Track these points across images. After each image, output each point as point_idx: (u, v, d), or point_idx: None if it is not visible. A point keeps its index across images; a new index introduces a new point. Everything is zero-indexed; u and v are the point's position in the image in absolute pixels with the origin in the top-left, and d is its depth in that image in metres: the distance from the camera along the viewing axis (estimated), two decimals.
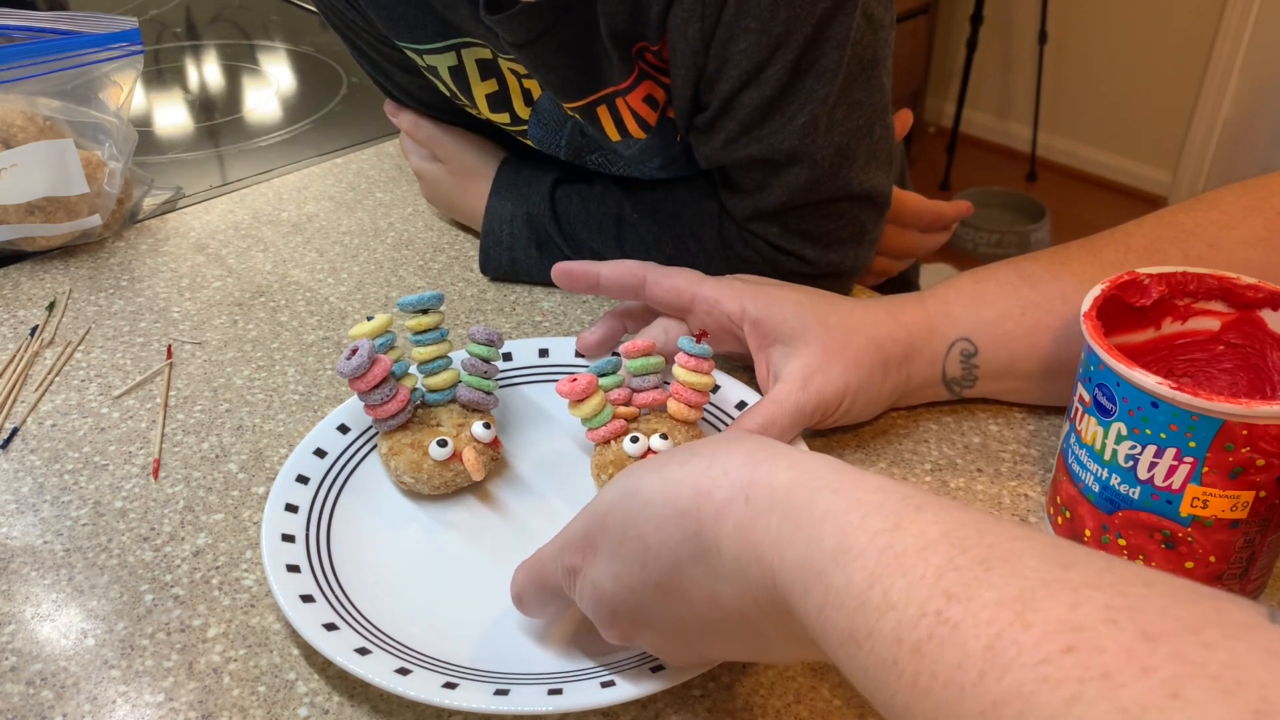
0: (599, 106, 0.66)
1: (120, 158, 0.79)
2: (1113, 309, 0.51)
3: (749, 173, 0.65)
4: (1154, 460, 0.46)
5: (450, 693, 0.43)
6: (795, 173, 0.64)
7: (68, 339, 0.71)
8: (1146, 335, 0.53)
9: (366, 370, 0.54)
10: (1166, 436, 0.45)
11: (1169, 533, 0.47)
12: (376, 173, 0.92)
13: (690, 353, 0.56)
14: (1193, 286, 0.51)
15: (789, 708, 0.46)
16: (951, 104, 3.11)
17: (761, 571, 0.34)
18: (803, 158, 0.63)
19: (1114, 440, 0.47)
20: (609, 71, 0.63)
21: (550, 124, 0.72)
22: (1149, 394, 0.45)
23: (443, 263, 0.79)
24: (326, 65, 1.17)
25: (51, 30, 0.80)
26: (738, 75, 0.60)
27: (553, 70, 0.64)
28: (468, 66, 0.70)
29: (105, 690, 0.47)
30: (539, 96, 0.71)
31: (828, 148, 0.63)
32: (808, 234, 0.67)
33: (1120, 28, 2.89)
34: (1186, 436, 0.45)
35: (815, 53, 0.59)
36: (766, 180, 0.65)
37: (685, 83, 0.62)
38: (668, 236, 0.70)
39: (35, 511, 0.56)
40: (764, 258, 0.68)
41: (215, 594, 0.51)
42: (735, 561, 0.35)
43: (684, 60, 0.60)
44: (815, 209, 0.66)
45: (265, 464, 0.60)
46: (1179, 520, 0.47)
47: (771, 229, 0.67)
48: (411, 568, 0.52)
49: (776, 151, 0.63)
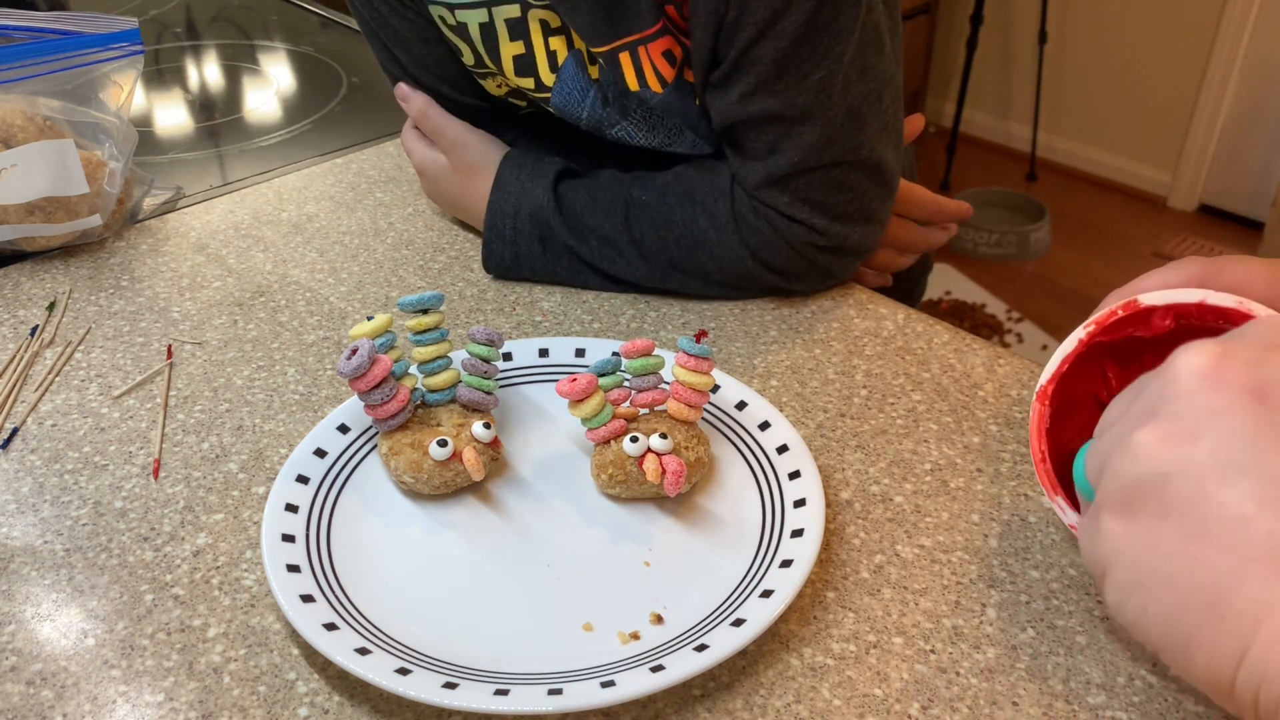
0: (622, 53, 0.67)
1: (120, 158, 0.79)
2: (1115, 346, 0.48)
3: (761, 133, 0.66)
4: None
5: (450, 693, 0.44)
6: (807, 132, 0.65)
7: (68, 339, 0.71)
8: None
9: (366, 370, 0.54)
10: None
11: None
12: (376, 173, 0.92)
13: (690, 353, 0.56)
14: (1210, 317, 0.46)
15: (789, 708, 0.46)
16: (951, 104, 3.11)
17: None
18: (816, 115, 0.64)
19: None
20: (635, 18, 0.65)
21: (574, 91, 0.72)
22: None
23: (443, 263, 0.79)
24: (326, 65, 1.17)
25: (51, 30, 0.80)
26: (755, 24, 0.61)
27: (581, 14, 0.65)
28: (498, 25, 0.70)
29: (105, 690, 0.47)
30: (563, 61, 0.71)
31: (841, 107, 0.65)
32: (817, 203, 0.68)
33: (1120, 28, 2.89)
34: None
35: (832, 9, 0.61)
36: (778, 142, 0.66)
37: (705, 32, 0.63)
38: (679, 216, 0.71)
39: (35, 511, 0.56)
40: (776, 229, 0.69)
41: (215, 594, 0.51)
42: None
43: (706, 6, 0.62)
44: (825, 176, 0.67)
45: (265, 464, 0.60)
46: None
47: (781, 198, 0.68)
48: (411, 568, 0.52)
49: (791, 107, 0.64)
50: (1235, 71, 2.74)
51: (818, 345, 0.70)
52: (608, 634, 0.48)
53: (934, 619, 0.50)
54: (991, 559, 0.53)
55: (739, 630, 0.46)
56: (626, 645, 0.48)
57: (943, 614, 0.50)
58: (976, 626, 0.50)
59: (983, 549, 0.54)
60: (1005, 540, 0.54)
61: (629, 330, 0.71)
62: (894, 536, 0.55)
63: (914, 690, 0.46)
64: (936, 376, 0.66)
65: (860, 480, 0.58)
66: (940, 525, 0.55)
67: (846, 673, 0.47)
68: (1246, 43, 2.69)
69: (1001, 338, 2.47)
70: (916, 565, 0.53)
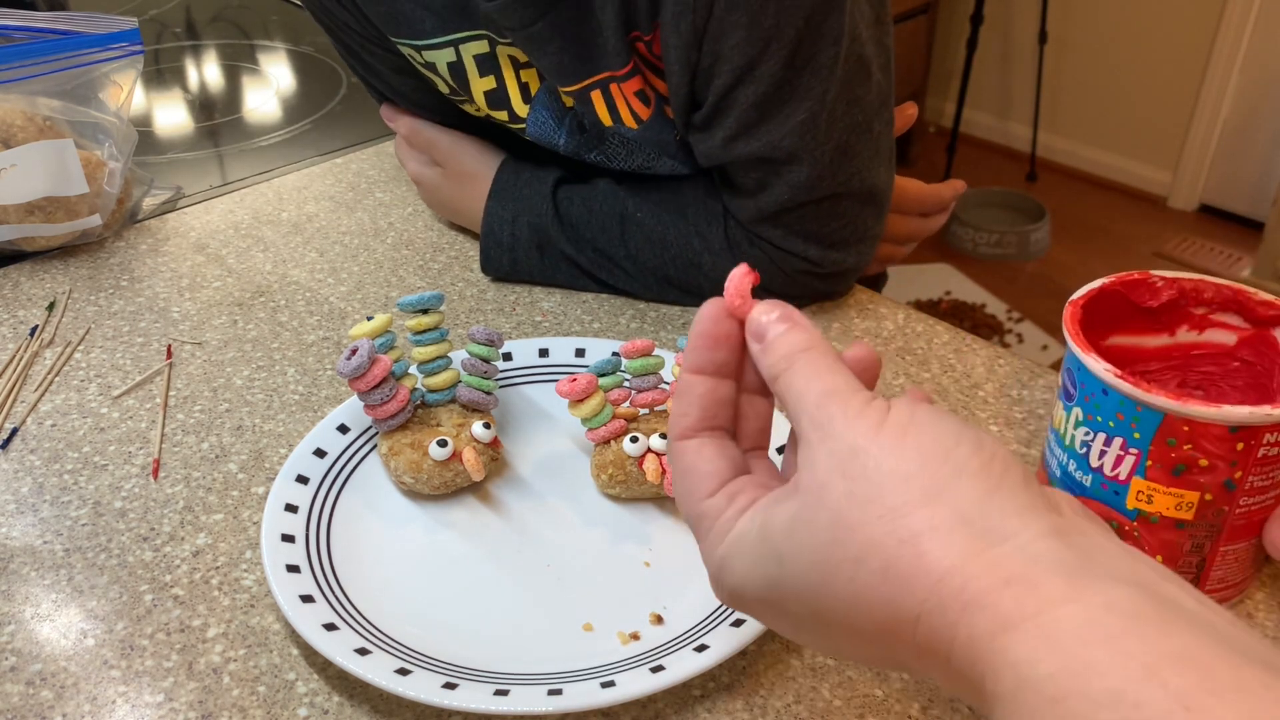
0: (593, 91, 0.66)
1: (120, 158, 0.79)
2: (1118, 306, 0.51)
3: (749, 172, 0.66)
4: (1103, 448, 0.47)
5: (450, 693, 0.43)
6: (796, 171, 0.64)
7: (67, 339, 0.70)
8: (1160, 340, 0.53)
9: (366, 370, 0.54)
10: (1114, 425, 0.46)
11: (1116, 525, 0.47)
12: (376, 173, 0.92)
13: None
14: (1208, 295, 0.51)
15: (789, 708, 0.46)
16: (951, 104, 3.11)
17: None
18: (803, 156, 0.63)
19: (1073, 425, 0.48)
20: (605, 57, 0.64)
21: (549, 120, 0.72)
22: (1100, 380, 0.45)
23: (443, 263, 0.79)
24: (326, 65, 1.17)
25: (51, 30, 0.80)
26: (731, 71, 0.60)
27: (549, 55, 0.64)
28: (466, 63, 0.70)
29: (105, 690, 0.47)
30: (536, 91, 0.71)
31: (828, 145, 0.63)
32: (811, 235, 0.67)
33: (1120, 28, 2.89)
34: (1131, 427, 0.45)
35: (810, 49, 0.59)
36: (767, 180, 0.65)
37: (681, 78, 0.62)
38: (673, 236, 0.70)
39: (35, 511, 0.56)
40: (770, 259, 0.69)
41: (215, 594, 0.51)
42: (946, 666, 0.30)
43: (678, 55, 0.60)
44: (817, 208, 0.66)
45: (265, 464, 0.60)
46: (1125, 513, 0.47)
47: (775, 232, 0.67)
48: (411, 568, 0.52)
49: (776, 150, 0.63)
50: (1235, 71, 2.74)
51: None
52: (608, 634, 0.48)
53: None
54: None
55: (739, 630, 0.46)
56: (626, 645, 0.48)
57: None
58: None
59: None
60: None
61: (629, 330, 0.71)
62: None
63: (914, 690, 0.46)
64: (936, 376, 0.66)
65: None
66: None
67: (846, 673, 0.47)
68: (1246, 43, 2.69)
69: (1001, 338, 2.47)
70: None
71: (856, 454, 0.31)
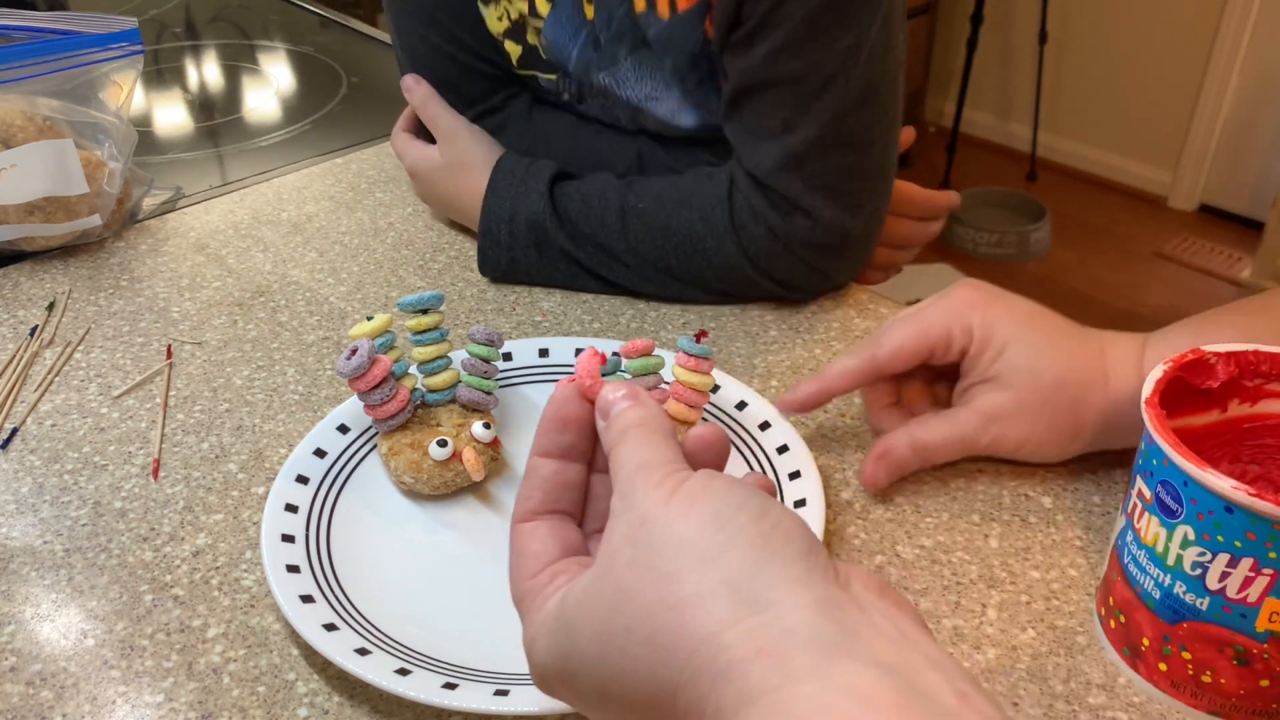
0: None
1: (120, 158, 0.79)
2: (1176, 391, 0.47)
3: (777, 110, 0.66)
4: (1226, 570, 0.41)
5: (450, 693, 0.43)
6: (824, 106, 0.65)
7: (67, 339, 0.70)
8: (1210, 418, 0.49)
9: (366, 370, 0.54)
10: (1242, 545, 0.40)
11: (1242, 648, 0.43)
12: (376, 173, 0.92)
13: (690, 352, 0.56)
14: (1265, 367, 0.47)
15: None
16: (951, 104, 3.11)
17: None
18: (838, 82, 0.64)
19: (1179, 545, 0.43)
20: None
21: (568, 26, 0.72)
22: (1223, 498, 0.40)
23: (443, 263, 0.79)
24: (326, 65, 1.17)
25: (51, 30, 0.80)
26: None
27: None
28: None
29: (105, 690, 0.47)
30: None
31: (861, 81, 0.65)
32: (830, 190, 0.68)
33: (1120, 28, 2.89)
34: (1266, 546, 0.40)
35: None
36: (795, 118, 0.66)
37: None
38: (676, 223, 0.70)
39: (35, 511, 0.56)
40: (774, 234, 0.69)
41: (215, 594, 0.51)
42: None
43: None
44: (840, 161, 0.67)
45: (265, 464, 0.60)
46: (1254, 636, 0.42)
47: (795, 185, 0.68)
48: (411, 568, 0.52)
49: (815, 71, 0.64)
50: (1235, 71, 2.74)
51: (818, 345, 0.70)
52: None
53: (934, 619, 0.50)
54: (991, 559, 0.53)
55: None
56: None
57: (943, 614, 0.50)
58: (976, 626, 0.49)
59: (983, 549, 0.54)
60: (1005, 540, 0.54)
61: (629, 330, 0.71)
62: (894, 537, 0.55)
63: None
64: None
65: (861, 480, 0.58)
66: (940, 525, 0.55)
67: None
68: (1246, 43, 2.69)
69: None
70: (917, 565, 0.53)
71: (645, 522, 0.31)
